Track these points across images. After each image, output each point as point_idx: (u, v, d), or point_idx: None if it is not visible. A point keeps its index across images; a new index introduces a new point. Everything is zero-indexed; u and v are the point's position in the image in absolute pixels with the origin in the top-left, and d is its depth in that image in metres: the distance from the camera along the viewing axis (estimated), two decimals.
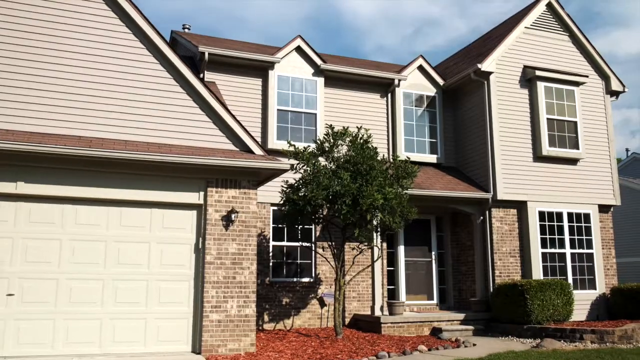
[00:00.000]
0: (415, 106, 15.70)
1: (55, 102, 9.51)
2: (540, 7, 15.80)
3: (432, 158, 15.65)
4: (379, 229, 12.34)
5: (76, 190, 9.34)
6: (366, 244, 12.24)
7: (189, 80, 10.26)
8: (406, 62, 16.74)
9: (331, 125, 11.90)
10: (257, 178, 10.47)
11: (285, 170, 10.29)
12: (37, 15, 9.67)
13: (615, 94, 16.40)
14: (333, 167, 11.44)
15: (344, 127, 11.78)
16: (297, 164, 11.36)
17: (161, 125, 10.09)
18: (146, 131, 9.98)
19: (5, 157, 8.84)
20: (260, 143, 12.02)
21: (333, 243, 12.40)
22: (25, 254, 9.09)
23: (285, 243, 13.63)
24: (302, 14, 70.43)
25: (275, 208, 13.46)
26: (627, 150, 32.78)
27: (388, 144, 15.26)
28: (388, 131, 15.33)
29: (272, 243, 13.48)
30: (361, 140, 11.39)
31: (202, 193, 10.05)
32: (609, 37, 71.40)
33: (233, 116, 10.55)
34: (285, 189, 11.65)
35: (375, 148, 11.60)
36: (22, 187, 9.08)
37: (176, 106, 10.22)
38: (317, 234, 13.74)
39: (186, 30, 18.80)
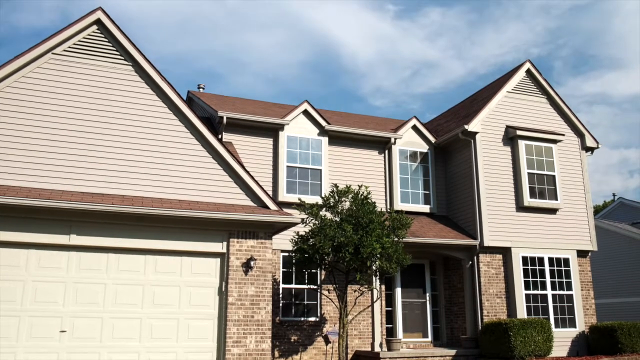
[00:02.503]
0: (410, 161, 17.45)
1: (101, 165, 11.22)
2: (521, 74, 17.74)
3: (426, 208, 17.32)
4: (377, 273, 13.90)
5: (119, 241, 10.99)
6: (366, 286, 13.80)
7: (214, 146, 12.00)
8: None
9: (336, 184, 13.62)
10: (272, 230, 12.13)
11: (296, 224, 11.98)
12: (84, 91, 11.45)
13: (590, 149, 18.19)
14: (337, 219, 13.09)
15: (347, 186, 13.48)
16: (307, 217, 13.01)
17: (189, 184, 11.79)
18: (177, 190, 11.67)
19: (62, 214, 10.50)
20: (271, 196, 13.69)
21: (337, 285, 13.96)
22: (76, 296, 10.67)
23: (293, 285, 15.18)
24: (302, 57, 72.94)
25: (286, 254, 15.04)
26: (613, 194, 34.46)
27: (386, 196, 16.94)
28: (385, 184, 17.04)
29: (282, 285, 15.03)
30: (361, 197, 13.07)
31: (225, 243, 11.68)
32: (604, 78, 73.77)
33: (251, 176, 12.26)
34: (296, 240, 13.26)
35: (374, 203, 13.28)
36: (74, 239, 10.73)
37: (203, 168, 11.94)
38: (322, 277, 15.28)
39: (201, 90, 20.74)
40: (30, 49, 11.03)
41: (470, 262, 16.20)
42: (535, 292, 16.25)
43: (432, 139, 17.72)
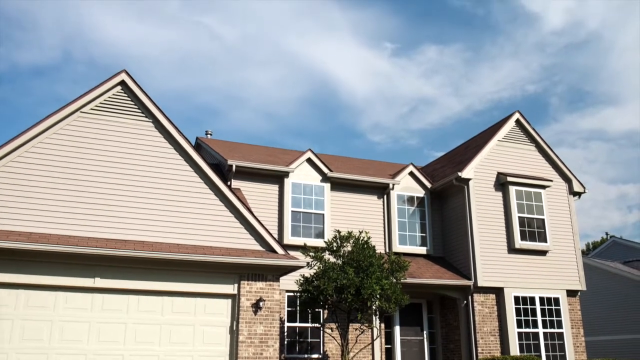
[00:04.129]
0: (407, 205, 18.49)
1: (123, 213, 12.24)
2: (510, 123, 18.93)
3: (423, 250, 18.30)
4: (377, 313, 14.80)
5: (139, 284, 11.95)
6: (367, 325, 14.68)
7: (226, 194, 13.05)
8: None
9: (338, 230, 14.62)
10: (279, 272, 13.09)
11: (302, 267, 12.96)
12: (108, 146, 12.54)
13: (577, 194, 19.26)
14: (340, 262, 14.06)
15: (348, 231, 14.48)
16: (312, 261, 13.98)
17: (203, 230, 12.79)
18: (192, 235, 12.67)
19: (88, 259, 11.48)
20: (277, 239, 14.67)
21: (339, 324, 14.84)
22: (99, 335, 11.58)
23: (298, 324, 16.06)
24: (300, 93, 74.59)
25: (290, 294, 15.95)
26: (606, 233, 35.41)
27: (385, 238, 17.93)
28: (384, 227, 18.04)
29: (287, 324, 15.91)
30: (362, 242, 14.07)
31: (236, 285, 12.63)
32: (600, 114, 75.35)
33: (259, 222, 13.28)
34: (301, 282, 14.21)
35: (374, 247, 14.25)
36: (98, 282, 11.69)
37: (215, 215, 12.96)
38: (325, 316, 16.16)
39: (209, 136, 21.91)
40: (60, 108, 12.18)
41: (465, 302, 17.10)
42: (527, 330, 17.12)
43: (428, 185, 18.79)
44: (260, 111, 72.10)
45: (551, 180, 18.69)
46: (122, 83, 12.84)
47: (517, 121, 19.08)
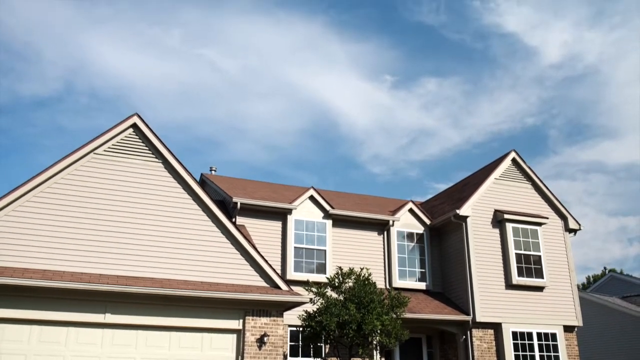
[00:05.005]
0: (407, 241, 18.95)
1: (133, 250, 12.72)
2: (507, 162, 19.51)
3: (422, 285, 18.70)
4: (378, 348, 15.15)
5: (147, 319, 12.36)
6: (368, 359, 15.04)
7: (232, 232, 13.54)
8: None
9: (340, 267, 15.07)
10: (283, 308, 13.51)
11: (305, 303, 13.39)
12: (119, 185, 13.08)
13: (572, 231, 19.74)
14: (342, 298, 14.47)
15: (350, 268, 14.93)
16: (315, 297, 14.39)
17: (210, 267, 13.25)
18: (199, 272, 13.12)
19: (99, 295, 11.92)
20: (280, 274, 15.10)
21: (340, 358, 15.17)
22: None
23: (300, 358, 16.37)
24: (301, 125, 75.34)
25: (293, 328, 16.31)
26: (605, 268, 35.71)
27: (385, 274, 18.36)
28: (385, 263, 18.48)
29: (289, 359, 16.23)
30: (363, 278, 14.50)
31: (241, 320, 13.04)
32: (599, 147, 76.04)
33: (264, 259, 13.74)
34: (304, 317, 14.61)
35: (374, 283, 14.68)
36: (109, 318, 12.11)
37: (222, 252, 13.43)
38: (327, 350, 16.49)
39: (213, 172, 22.46)
40: (75, 150, 12.75)
41: (464, 337, 17.44)
42: None
43: (427, 221, 19.28)
44: (260, 143, 72.91)
45: (547, 218, 19.19)
46: (134, 126, 13.44)
47: (513, 160, 19.66)
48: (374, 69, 68.46)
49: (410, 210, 19.30)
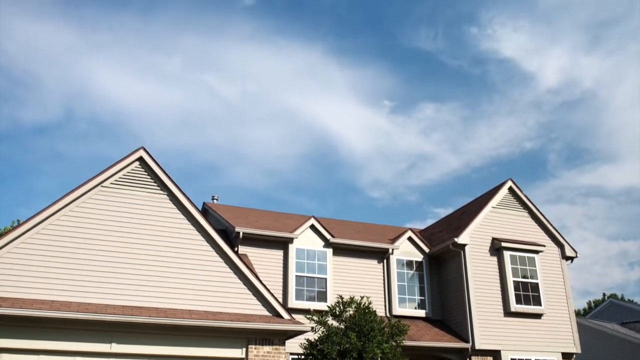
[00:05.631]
0: (407, 269, 19.26)
1: (139, 281, 13.02)
2: (504, 191, 19.91)
3: (422, 313, 18.96)
4: None
5: (152, 348, 12.61)
6: None
7: (236, 263, 13.86)
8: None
9: (341, 296, 15.35)
10: (285, 337, 13.77)
11: (307, 331, 13.65)
12: (125, 217, 13.42)
13: (569, 258, 20.06)
14: (342, 326, 14.73)
15: (350, 297, 15.21)
16: (316, 326, 14.65)
17: (213, 296, 13.54)
18: (203, 301, 13.41)
19: (104, 325, 12.20)
20: (282, 303, 15.37)
21: None
22: None
23: None
24: (300, 150, 75.92)
25: (295, 357, 16.53)
26: (604, 294, 35.87)
27: (385, 301, 18.62)
28: (385, 290, 18.76)
29: None
30: (364, 307, 14.77)
31: (244, 349, 13.29)
32: (597, 172, 76.54)
33: (266, 288, 14.03)
34: (306, 345, 14.85)
35: (375, 311, 14.93)
36: (115, 347, 12.37)
37: (225, 282, 13.73)
38: None
39: (215, 201, 22.82)
40: (83, 183, 13.13)
41: None
42: None
43: (426, 249, 19.60)
44: (260, 168, 73.42)
45: (544, 245, 19.52)
46: (140, 159, 13.84)
47: (510, 188, 20.05)
48: (373, 95, 69.27)
49: (410, 239, 19.63)
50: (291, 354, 16.55)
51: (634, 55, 63.86)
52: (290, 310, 16.12)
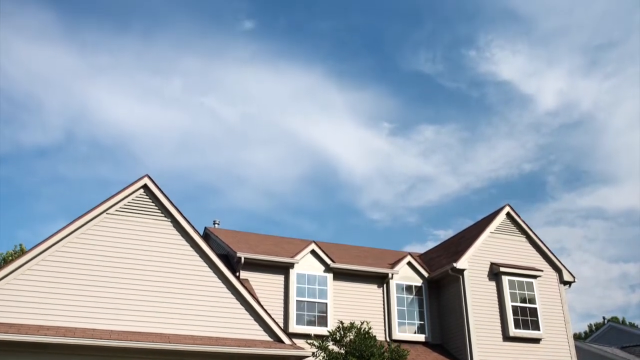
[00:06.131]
0: (406, 294, 19.45)
1: (143, 307, 13.25)
2: (502, 216, 20.18)
3: (421, 337, 19.11)
4: None
5: None
6: None
7: (238, 289, 14.11)
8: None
9: (341, 321, 15.54)
10: None
11: (308, 357, 13.84)
12: (131, 244, 13.69)
13: (567, 283, 20.26)
14: (343, 352, 14.90)
15: (350, 322, 15.40)
16: (317, 351, 14.83)
17: (215, 322, 13.76)
18: (206, 327, 13.62)
19: (108, 351, 12.38)
20: (283, 327, 15.55)
21: None
22: None
23: None
24: (300, 172, 76.22)
25: None
26: (603, 318, 35.93)
27: (385, 326, 18.79)
28: (384, 315, 18.94)
29: None
30: (364, 332, 14.96)
31: None
32: (597, 193, 76.70)
33: (268, 313, 14.25)
34: None
35: (375, 336, 15.10)
36: None
37: (227, 308, 13.97)
38: None
39: (216, 225, 23.05)
40: (89, 211, 13.44)
41: None
42: None
43: (426, 274, 19.82)
44: (260, 189, 73.70)
45: (542, 270, 19.73)
46: (145, 186, 14.15)
47: (508, 214, 20.33)
48: (373, 117, 69.81)
49: (409, 264, 19.85)
50: None
51: (632, 78, 64.56)
52: (291, 335, 16.28)
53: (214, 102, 66.36)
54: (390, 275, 19.25)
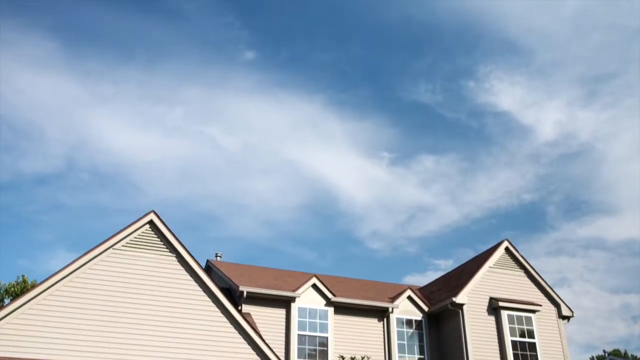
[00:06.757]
0: (406, 328, 19.62)
1: (145, 341, 13.48)
2: (500, 251, 20.45)
3: None
4: None
5: None
6: None
7: (240, 323, 14.37)
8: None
9: (342, 356, 15.74)
10: None
11: None
12: (136, 278, 13.97)
13: (566, 318, 20.43)
14: None
15: (351, 357, 15.60)
16: None
17: (219, 356, 13.97)
18: None
19: None
20: None
21: None
22: None
23: None
24: (300, 201, 76.19)
25: None
26: (604, 351, 35.95)
27: (385, 359, 18.94)
28: (385, 349, 19.08)
29: None
30: None
31: None
32: (597, 224, 76.45)
33: (270, 347, 14.47)
34: None
35: None
36: None
37: (230, 341, 14.23)
38: None
39: (218, 258, 23.28)
40: (96, 246, 13.75)
41: None
42: None
43: (425, 308, 20.01)
44: (259, 218, 73.76)
45: (540, 305, 19.93)
46: (151, 222, 14.48)
47: (507, 249, 20.60)
48: (372, 146, 70.24)
49: (409, 298, 20.05)
50: None
51: (630, 109, 65.11)
52: None
53: (214, 131, 66.90)
54: (390, 309, 19.44)
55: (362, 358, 15.64)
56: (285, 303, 18.28)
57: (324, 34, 68.35)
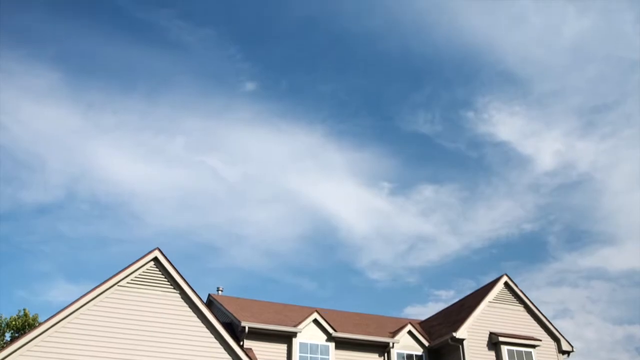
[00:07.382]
0: None
1: None
2: (499, 286, 20.62)
3: None
4: None
5: None
6: None
7: (242, 359, 14.50)
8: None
9: None
10: None
11: None
12: (141, 314, 14.16)
13: (565, 352, 20.50)
14: None
15: None
16: None
17: None
18: None
19: None
20: None
21: None
22: None
23: None
24: (300, 231, 75.99)
25: None
26: None
27: None
28: None
29: None
30: None
31: None
32: (598, 254, 76.04)
33: None
34: None
35: None
36: None
37: None
38: None
39: (220, 292, 23.41)
40: (101, 283, 13.98)
41: None
42: None
43: (426, 343, 20.10)
44: (259, 249, 73.62)
45: (540, 340, 20.03)
46: (155, 259, 14.71)
47: (506, 283, 20.77)
48: (372, 176, 70.49)
49: (410, 332, 20.15)
50: None
51: (628, 139, 65.55)
52: None
53: (215, 161, 67.28)
54: (391, 344, 19.53)
55: None
56: (286, 338, 18.39)
57: (324, 65, 69.21)
